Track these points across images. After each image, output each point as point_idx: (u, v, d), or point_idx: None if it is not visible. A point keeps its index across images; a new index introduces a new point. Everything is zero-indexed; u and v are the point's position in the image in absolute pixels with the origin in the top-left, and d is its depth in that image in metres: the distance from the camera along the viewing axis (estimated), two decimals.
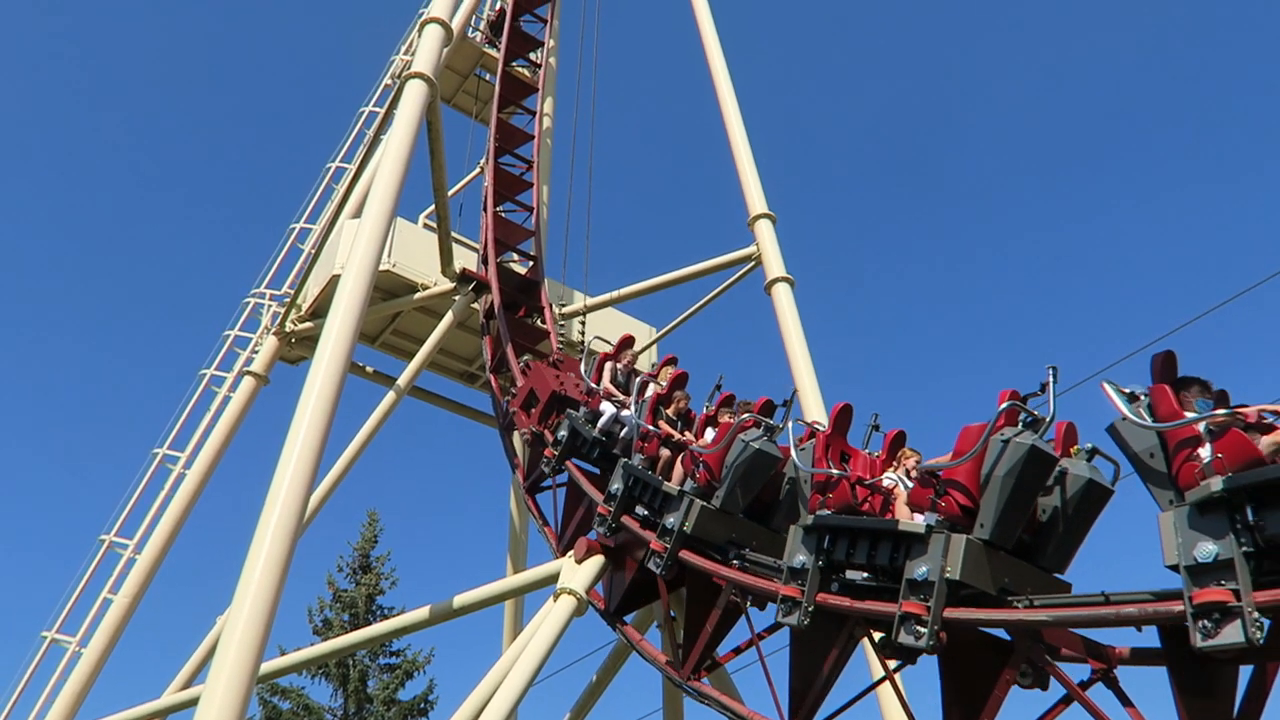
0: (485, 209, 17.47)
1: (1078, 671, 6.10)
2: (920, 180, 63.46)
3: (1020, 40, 60.33)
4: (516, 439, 14.24)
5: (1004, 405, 6.33)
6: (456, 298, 16.27)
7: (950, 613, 6.11)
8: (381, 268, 14.34)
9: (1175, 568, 5.10)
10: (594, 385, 11.70)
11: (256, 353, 17.82)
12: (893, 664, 7.28)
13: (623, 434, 10.93)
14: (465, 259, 16.90)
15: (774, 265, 16.22)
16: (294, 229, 19.28)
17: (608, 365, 11.84)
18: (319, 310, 17.01)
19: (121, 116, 61.10)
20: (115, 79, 59.87)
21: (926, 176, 64.15)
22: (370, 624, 26.49)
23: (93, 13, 58.54)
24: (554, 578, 10.30)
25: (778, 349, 15.41)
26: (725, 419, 9.32)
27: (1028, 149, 61.57)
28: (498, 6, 21.94)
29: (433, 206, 16.03)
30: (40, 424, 58.79)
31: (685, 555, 8.62)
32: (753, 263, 16.86)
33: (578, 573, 10.03)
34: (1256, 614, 4.75)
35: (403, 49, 21.49)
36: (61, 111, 59.06)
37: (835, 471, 7.36)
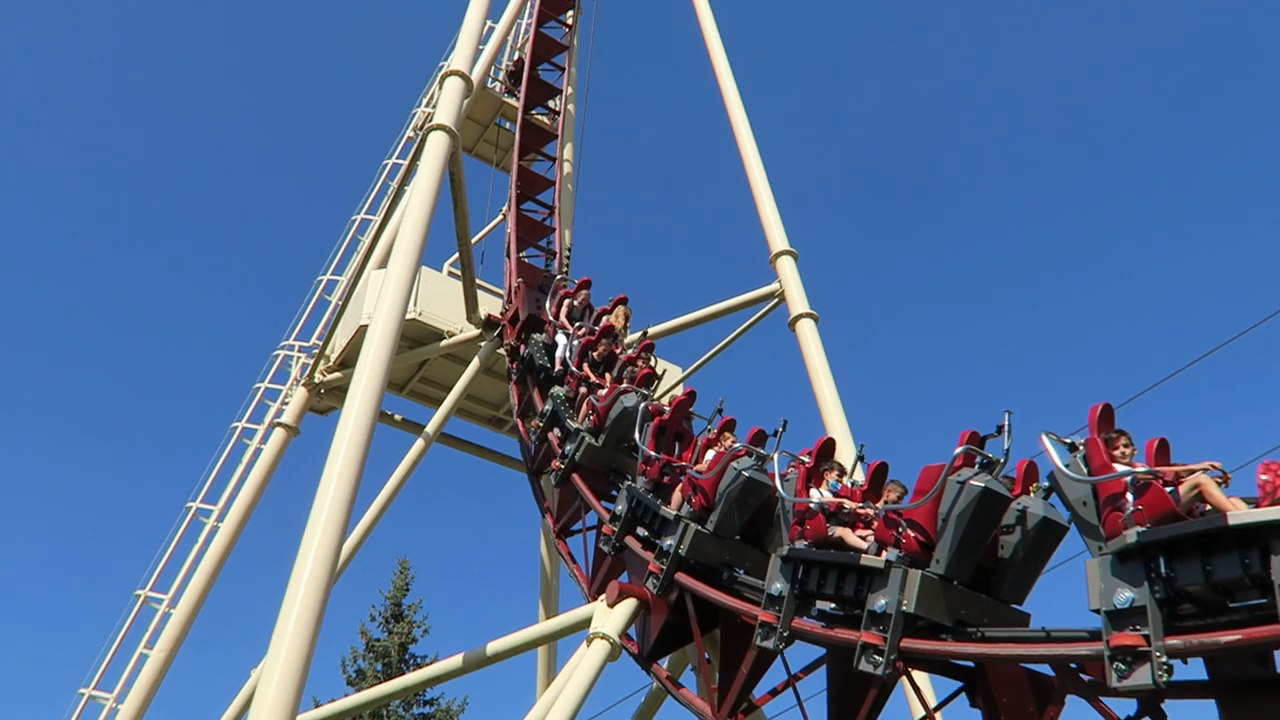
0: (508, 255, 17.63)
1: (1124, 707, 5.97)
2: (944, 211, 63.40)
3: (1047, 67, 60.49)
4: (546, 483, 14.25)
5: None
6: (482, 344, 16.38)
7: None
8: (408, 316, 14.48)
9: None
10: (550, 318, 13.67)
11: (286, 404, 18.00)
12: (933, 702, 7.23)
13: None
14: (490, 305, 17.04)
15: (797, 302, 16.24)
16: (321, 281, 19.55)
17: (565, 301, 13.75)
18: (347, 360, 17.17)
19: (148, 171, 62.50)
20: (139, 133, 61.37)
21: (950, 208, 64.10)
22: (404, 673, 26.33)
23: (117, 67, 60.17)
24: (586, 622, 10.19)
25: (805, 384, 15.40)
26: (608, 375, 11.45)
27: (1057, 178, 61.42)
28: (516, 57, 22.33)
29: (457, 254, 16.24)
30: (75, 481, 59.49)
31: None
32: (776, 300, 16.89)
33: (610, 617, 9.90)
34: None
35: (424, 101, 21.87)
36: (92, 167, 60.56)
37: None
